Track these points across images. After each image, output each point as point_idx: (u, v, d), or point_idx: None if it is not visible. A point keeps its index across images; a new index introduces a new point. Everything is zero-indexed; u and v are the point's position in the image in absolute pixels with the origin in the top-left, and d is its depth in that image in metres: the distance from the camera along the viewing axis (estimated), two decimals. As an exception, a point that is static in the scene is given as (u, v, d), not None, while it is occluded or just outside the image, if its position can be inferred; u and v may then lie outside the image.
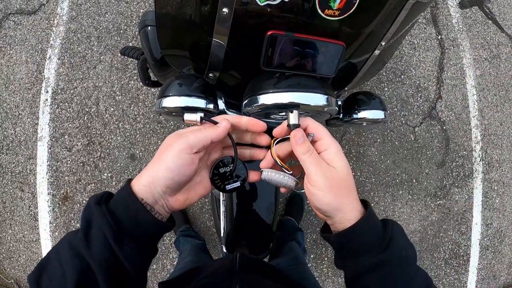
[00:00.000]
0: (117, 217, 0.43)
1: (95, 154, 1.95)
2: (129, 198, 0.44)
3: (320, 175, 0.46)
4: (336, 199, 0.46)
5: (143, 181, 0.45)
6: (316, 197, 0.46)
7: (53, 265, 0.43)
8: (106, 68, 1.99)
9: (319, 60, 0.57)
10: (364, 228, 0.46)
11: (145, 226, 0.45)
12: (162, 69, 0.92)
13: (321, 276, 2.04)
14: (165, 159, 0.45)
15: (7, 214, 1.96)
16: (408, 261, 0.47)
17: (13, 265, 1.96)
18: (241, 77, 0.70)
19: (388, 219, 0.50)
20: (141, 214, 0.44)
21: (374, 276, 0.46)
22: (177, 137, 0.46)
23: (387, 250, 0.46)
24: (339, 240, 0.49)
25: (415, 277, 0.46)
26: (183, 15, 0.62)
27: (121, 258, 0.43)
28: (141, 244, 0.46)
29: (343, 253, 0.50)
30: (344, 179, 0.47)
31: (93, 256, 0.42)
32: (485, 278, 2.29)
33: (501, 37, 2.48)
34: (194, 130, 0.48)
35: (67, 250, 0.42)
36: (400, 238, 0.48)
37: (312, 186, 0.46)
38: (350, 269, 0.49)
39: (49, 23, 2.03)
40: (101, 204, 0.44)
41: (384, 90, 2.18)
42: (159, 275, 1.93)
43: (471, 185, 2.28)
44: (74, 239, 0.43)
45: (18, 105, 1.98)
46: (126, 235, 0.44)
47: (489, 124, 2.35)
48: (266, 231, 0.97)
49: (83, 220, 0.44)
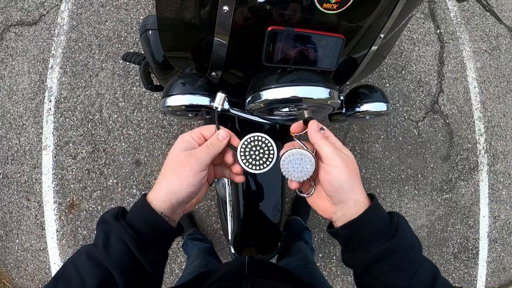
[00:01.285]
0: (138, 230, 0.48)
1: (100, 161, 1.96)
2: (147, 212, 0.49)
3: (337, 155, 0.49)
4: (351, 177, 0.49)
5: (163, 197, 0.49)
6: (333, 175, 0.49)
7: (70, 274, 0.46)
8: (108, 75, 2.00)
9: (320, 54, 0.57)
10: (372, 217, 0.48)
11: (164, 234, 0.50)
12: (165, 72, 0.93)
13: (330, 275, 2.03)
14: (187, 179, 0.49)
15: (14, 224, 1.96)
16: (414, 250, 0.48)
17: (21, 274, 1.96)
18: (244, 75, 0.71)
19: (393, 211, 0.52)
20: (161, 225, 0.49)
21: (383, 265, 0.47)
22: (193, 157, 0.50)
23: (395, 238, 0.47)
24: (349, 230, 0.50)
25: (422, 266, 0.47)
26: (184, 17, 0.63)
27: (146, 264, 0.48)
28: (162, 249, 0.52)
29: (352, 246, 0.51)
30: (354, 164, 0.50)
31: (115, 265, 0.45)
32: (495, 271, 2.28)
33: (499, 28, 2.47)
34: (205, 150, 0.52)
35: (86, 261, 0.46)
36: (405, 227, 0.50)
37: (329, 165, 0.49)
38: (360, 261, 0.50)
39: (50, 33, 2.05)
40: (119, 219, 0.49)
41: (385, 86, 2.18)
42: (167, 279, 1.93)
43: (476, 178, 2.27)
44: (93, 250, 0.47)
45: (21, 115, 2.00)
46: (149, 244, 0.49)
47: (492, 116, 2.34)
48: (274, 231, 0.97)
49: (101, 234, 0.48)
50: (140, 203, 0.50)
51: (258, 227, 0.99)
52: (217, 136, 0.53)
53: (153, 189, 0.51)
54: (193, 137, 0.53)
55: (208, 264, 1.24)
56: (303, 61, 0.57)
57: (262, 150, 0.54)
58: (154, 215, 0.48)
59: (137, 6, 2.08)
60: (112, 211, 0.51)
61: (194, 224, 1.92)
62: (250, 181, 0.93)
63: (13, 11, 2.07)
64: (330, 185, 0.49)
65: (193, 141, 0.53)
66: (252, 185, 0.93)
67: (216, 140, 0.53)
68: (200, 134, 0.54)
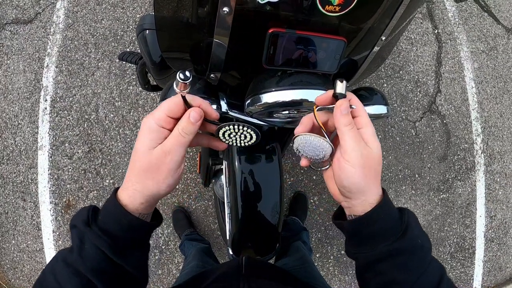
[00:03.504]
0: (113, 235, 0.44)
1: (96, 161, 1.94)
2: (120, 214, 0.44)
3: (357, 151, 0.44)
4: (365, 180, 0.44)
5: (139, 199, 0.45)
6: (346, 173, 0.44)
7: (49, 283, 0.43)
8: (105, 74, 1.99)
9: (321, 57, 0.57)
10: (381, 215, 0.45)
11: (141, 233, 0.47)
12: (162, 72, 0.92)
13: (327, 275, 2.03)
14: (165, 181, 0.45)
15: (10, 225, 1.95)
16: (423, 250, 0.46)
17: (17, 275, 1.95)
18: (243, 77, 0.70)
19: (403, 207, 0.49)
20: (138, 226, 0.45)
21: (389, 264, 0.45)
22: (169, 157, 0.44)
23: (404, 238, 0.45)
24: (354, 227, 0.48)
25: (430, 267, 0.46)
26: (183, 17, 0.62)
27: (128, 267, 0.45)
28: (142, 247, 0.49)
29: (357, 240, 0.49)
30: (377, 161, 0.45)
31: (94, 271, 0.42)
32: (491, 270, 2.29)
33: (497, 29, 2.48)
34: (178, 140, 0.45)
35: (63, 268, 0.43)
36: (415, 226, 0.47)
37: (346, 161, 0.44)
38: (364, 256, 0.48)
39: (45, 31, 2.03)
40: (91, 224, 0.44)
41: (383, 86, 2.18)
42: (165, 280, 1.92)
43: (473, 178, 2.28)
44: (68, 257, 0.44)
45: (17, 114, 1.98)
46: (127, 247, 0.45)
47: (489, 116, 2.35)
48: (272, 232, 0.97)
49: (75, 238, 0.44)
50: (112, 204, 0.45)
51: (257, 228, 0.98)
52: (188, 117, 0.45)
53: (125, 190, 0.45)
54: (160, 123, 0.45)
55: (205, 264, 1.24)
56: (304, 63, 0.57)
57: (243, 136, 0.52)
58: (128, 216, 0.44)
59: (134, 5, 2.07)
60: (82, 215, 0.46)
61: (192, 224, 1.91)
62: (249, 181, 0.92)
63: (8, 9, 2.05)
64: (339, 181, 0.46)
65: (161, 129, 0.45)
66: (250, 186, 0.92)
67: (188, 123, 0.45)
68: (167, 117, 0.45)
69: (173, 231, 1.92)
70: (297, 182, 2.03)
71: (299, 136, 0.48)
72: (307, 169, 1.99)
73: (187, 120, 0.45)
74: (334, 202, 2.05)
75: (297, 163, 2.03)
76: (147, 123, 0.45)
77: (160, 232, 1.93)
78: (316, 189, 2.05)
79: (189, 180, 1.95)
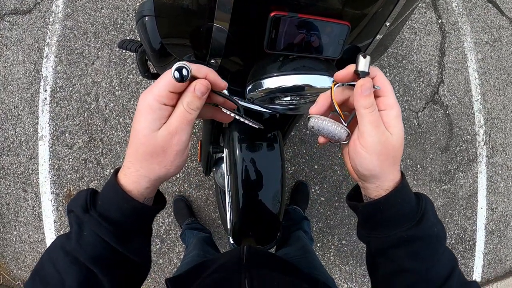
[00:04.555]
0: (114, 221, 0.42)
1: (96, 151, 1.94)
2: (123, 199, 0.42)
3: (374, 137, 0.41)
4: (379, 168, 0.42)
5: (145, 185, 0.42)
6: (360, 159, 0.42)
7: (48, 271, 0.41)
8: (104, 63, 1.97)
9: (324, 42, 0.55)
10: (397, 200, 0.43)
11: (147, 218, 0.46)
12: (162, 59, 0.91)
13: (328, 265, 2.04)
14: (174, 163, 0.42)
15: (11, 216, 1.95)
16: (438, 239, 0.45)
17: (19, 266, 1.96)
18: (244, 62, 0.69)
19: (420, 193, 0.47)
20: (141, 210, 0.43)
21: (402, 251, 0.44)
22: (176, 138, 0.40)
23: (419, 225, 0.43)
24: (370, 210, 0.46)
25: (443, 256, 0.45)
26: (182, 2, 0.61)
27: (129, 255, 0.44)
28: (145, 233, 0.47)
29: (371, 224, 0.47)
30: (396, 148, 0.42)
31: (94, 260, 0.41)
32: (491, 263, 2.30)
33: (501, 20, 2.45)
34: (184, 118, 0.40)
35: (63, 256, 0.41)
36: (432, 214, 0.45)
37: (361, 146, 0.42)
38: (377, 241, 0.46)
39: (44, 21, 2.01)
40: (90, 210, 0.42)
41: (386, 75, 2.14)
42: (165, 269, 1.93)
43: (475, 170, 2.27)
44: (67, 244, 0.42)
45: (17, 105, 1.97)
46: (130, 234, 0.44)
47: (492, 108, 2.33)
48: (273, 221, 0.96)
49: (74, 224, 0.42)
50: (113, 190, 0.42)
51: (258, 217, 0.98)
52: (194, 90, 0.40)
53: (127, 176, 0.42)
54: (162, 100, 0.39)
55: (206, 254, 1.24)
56: (306, 48, 0.55)
57: None
58: (132, 202, 0.42)
59: (134, -7, 2.04)
60: (80, 199, 0.43)
61: (192, 213, 1.91)
62: (250, 170, 0.92)
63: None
64: (353, 164, 0.44)
65: (163, 106, 0.39)
66: (251, 174, 0.91)
67: (194, 98, 0.40)
68: (169, 92, 0.39)
69: (174, 220, 1.92)
70: (298, 171, 2.03)
71: (313, 118, 0.45)
72: (308, 158, 1.99)
73: (193, 93, 0.40)
74: (335, 192, 2.05)
75: (298, 152, 2.02)
76: (146, 100, 0.40)
77: (161, 222, 1.93)
78: (317, 179, 2.04)
79: (190, 169, 1.94)
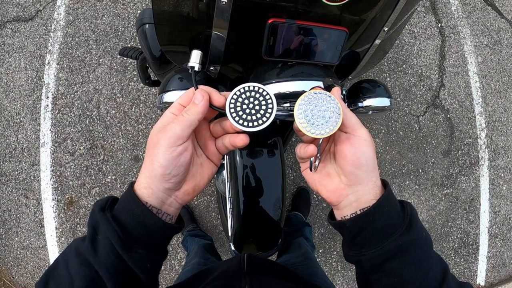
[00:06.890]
0: (124, 224, 0.42)
1: (98, 158, 1.94)
2: (133, 203, 0.43)
3: (363, 127, 0.43)
4: (374, 157, 0.43)
5: (143, 184, 0.43)
6: (361, 148, 0.42)
7: (60, 272, 0.42)
8: (106, 70, 1.98)
9: (322, 48, 0.56)
10: (386, 207, 0.43)
11: (154, 230, 0.44)
12: (162, 67, 0.91)
13: (330, 271, 2.03)
14: (156, 158, 0.42)
15: (13, 222, 1.95)
16: (427, 242, 0.44)
17: (21, 272, 1.96)
18: (243, 69, 0.69)
19: (402, 200, 0.46)
20: (148, 219, 0.43)
21: (400, 262, 0.43)
22: (163, 132, 0.43)
23: (410, 231, 0.43)
24: (359, 223, 0.44)
25: (434, 260, 0.44)
26: (181, 10, 0.61)
27: (131, 265, 0.42)
28: (151, 249, 0.44)
29: (361, 240, 0.45)
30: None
31: (101, 263, 0.41)
32: (495, 266, 2.28)
33: (501, 23, 2.45)
34: (177, 119, 0.43)
35: (75, 257, 0.42)
36: (417, 219, 0.45)
37: (356, 136, 0.43)
38: (369, 257, 0.44)
39: (46, 28, 2.02)
40: (106, 210, 0.43)
41: (386, 80, 2.16)
42: (167, 276, 1.92)
43: (477, 173, 2.26)
44: (81, 246, 0.42)
45: (19, 112, 1.98)
46: (135, 242, 0.43)
47: (493, 110, 2.33)
48: (274, 227, 0.96)
49: (89, 227, 0.43)
50: (127, 193, 0.44)
51: (259, 223, 0.97)
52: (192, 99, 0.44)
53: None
54: (173, 110, 0.44)
55: (207, 261, 1.24)
56: (305, 55, 0.56)
57: (257, 102, 0.44)
58: (140, 207, 0.42)
59: (134, 0, 2.06)
60: (101, 200, 0.45)
61: (194, 220, 1.91)
62: (250, 176, 0.91)
63: (9, 7, 2.05)
64: (355, 160, 0.42)
65: (172, 115, 0.44)
66: (252, 181, 0.91)
67: (191, 104, 0.44)
68: (179, 105, 0.45)
69: (175, 228, 1.92)
70: (299, 177, 2.03)
71: (305, 95, 0.42)
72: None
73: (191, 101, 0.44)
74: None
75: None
76: (165, 114, 0.45)
77: (162, 229, 1.92)
78: (318, 185, 2.03)
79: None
